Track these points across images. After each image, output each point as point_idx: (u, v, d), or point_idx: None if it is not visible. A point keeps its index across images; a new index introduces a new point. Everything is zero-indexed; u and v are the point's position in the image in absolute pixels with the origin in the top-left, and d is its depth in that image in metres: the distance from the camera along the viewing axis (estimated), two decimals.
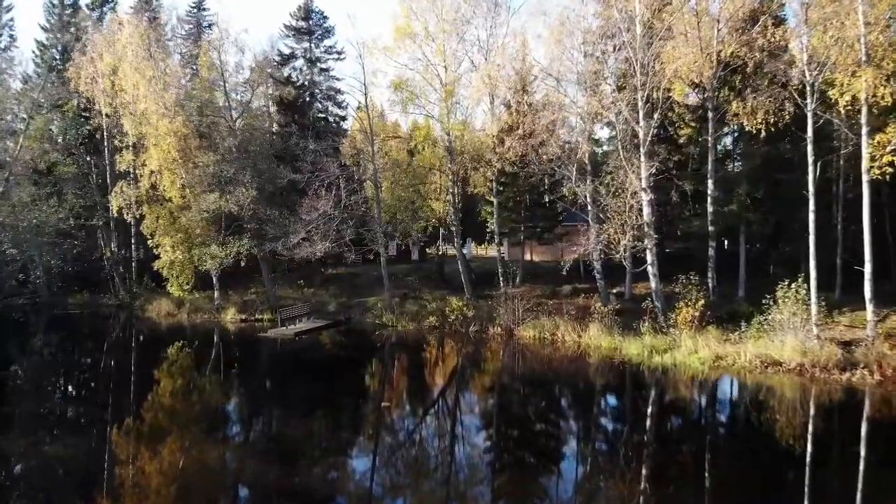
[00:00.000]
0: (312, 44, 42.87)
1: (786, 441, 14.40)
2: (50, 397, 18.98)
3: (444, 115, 30.51)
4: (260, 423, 16.73)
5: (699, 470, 12.89)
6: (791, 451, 13.71)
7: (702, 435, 15.47)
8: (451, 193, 31.66)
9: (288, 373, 21.89)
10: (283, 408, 17.37)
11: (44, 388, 20.02)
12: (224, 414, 17.56)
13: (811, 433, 15.04)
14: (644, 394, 19.29)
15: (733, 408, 18.38)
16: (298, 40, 43.29)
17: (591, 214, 26.74)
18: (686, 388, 19.38)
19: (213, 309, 32.62)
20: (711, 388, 19.64)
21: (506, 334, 25.79)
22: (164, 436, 14.68)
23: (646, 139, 24.38)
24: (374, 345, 26.09)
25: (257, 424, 16.65)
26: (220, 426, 16.21)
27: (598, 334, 23.85)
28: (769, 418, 16.07)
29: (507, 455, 14.20)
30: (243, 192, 27.98)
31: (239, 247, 28.36)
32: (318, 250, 25.84)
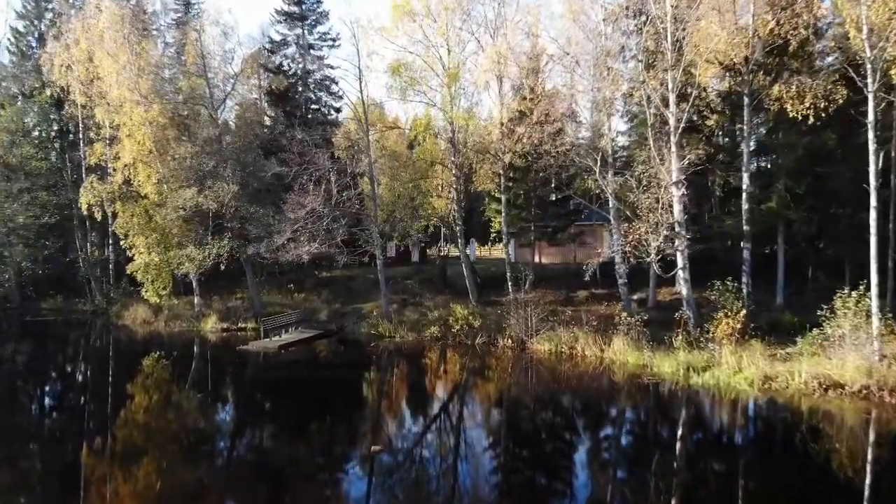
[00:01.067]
0: (305, 30, 39.98)
1: (855, 481, 11.74)
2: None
3: (447, 103, 27.56)
4: (212, 476, 13.11)
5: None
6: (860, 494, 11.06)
7: (758, 473, 12.50)
8: (455, 189, 28.72)
9: (263, 399, 18.84)
10: (246, 455, 14.25)
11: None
12: (174, 454, 13.84)
13: (884, 471, 12.26)
14: (684, 422, 16.32)
15: (790, 439, 15.36)
16: (290, 26, 40.41)
17: (613, 212, 23.79)
18: (733, 415, 16.47)
19: (193, 316, 29.70)
20: (763, 414, 16.71)
21: (517, 347, 22.85)
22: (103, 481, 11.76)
23: (677, 127, 21.46)
24: (368, 360, 23.06)
25: (209, 474, 13.12)
26: (171, 470, 13.23)
27: (623, 348, 20.92)
28: (831, 450, 13.32)
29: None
30: (223, 188, 25.05)
31: (219, 248, 25.41)
32: (305, 252, 22.88)
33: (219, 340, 26.83)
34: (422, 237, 32.70)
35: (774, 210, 24.24)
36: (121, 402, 17.96)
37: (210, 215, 26.41)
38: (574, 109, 24.40)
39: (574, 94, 24.58)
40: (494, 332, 23.87)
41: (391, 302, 29.91)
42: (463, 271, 29.50)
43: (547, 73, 25.56)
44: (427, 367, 22.41)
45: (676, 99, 21.69)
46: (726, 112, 26.58)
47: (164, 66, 28.73)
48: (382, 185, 28.40)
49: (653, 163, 21.59)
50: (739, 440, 15.15)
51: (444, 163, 29.26)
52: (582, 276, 33.16)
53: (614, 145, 23.12)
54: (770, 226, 25.50)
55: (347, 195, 23.60)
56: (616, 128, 22.72)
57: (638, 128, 22.85)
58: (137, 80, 28.45)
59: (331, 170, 23.11)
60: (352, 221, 24.91)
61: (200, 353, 24.77)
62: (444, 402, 18.45)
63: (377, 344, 24.64)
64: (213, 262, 25.78)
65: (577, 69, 23.09)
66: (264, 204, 25.45)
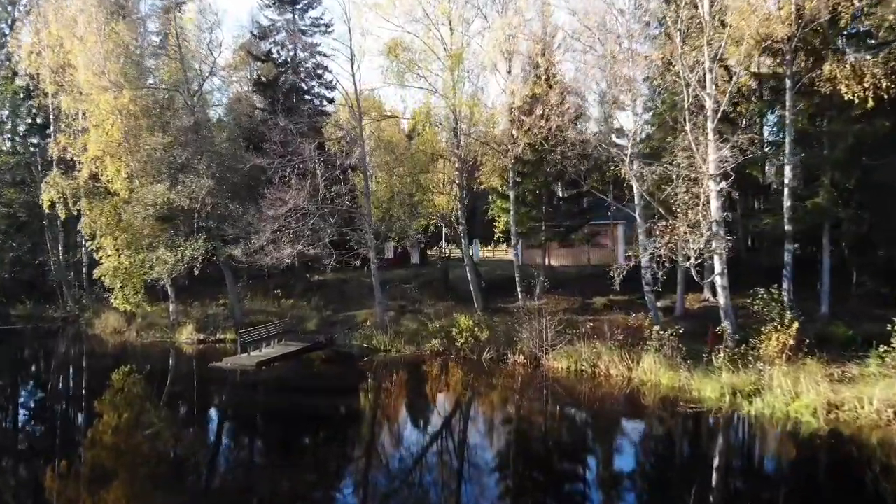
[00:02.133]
0: (296, 15, 36.93)
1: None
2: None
3: (449, 89, 24.68)
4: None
5: None
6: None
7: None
8: (458, 185, 25.86)
9: (227, 437, 15.80)
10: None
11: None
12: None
13: None
14: (738, 463, 13.47)
15: (861, 481, 12.50)
16: (280, 11, 37.27)
17: (639, 209, 20.89)
18: (797, 453, 13.55)
19: (168, 325, 26.86)
20: (830, 450, 13.79)
21: (530, 364, 19.96)
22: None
23: (716, 110, 18.58)
24: (359, 381, 20.02)
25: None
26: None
27: (655, 367, 18.03)
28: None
29: None
30: (197, 183, 22.18)
31: (193, 250, 22.52)
32: (286, 256, 19.99)
33: (193, 353, 23.97)
34: (421, 237, 29.77)
35: (821, 207, 21.34)
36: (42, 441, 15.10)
37: (183, 214, 23.53)
38: (583, 96, 21.54)
39: (588, 76, 21.69)
40: (503, 345, 20.99)
41: (388, 309, 27.06)
42: (466, 274, 26.67)
43: (562, 53, 22.61)
44: (427, 390, 19.43)
45: (714, 80, 18.84)
46: (763, 97, 23.75)
47: (137, 50, 25.75)
48: (377, 180, 25.56)
49: (686, 153, 18.77)
50: (807, 485, 12.27)
51: (445, 155, 26.41)
52: (599, 281, 30.55)
53: (640, 133, 20.11)
54: (814, 225, 22.60)
55: (337, 191, 20.69)
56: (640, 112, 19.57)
57: (666, 113, 19.85)
58: (105, 63, 25.59)
59: (317, 162, 20.14)
60: (342, 220, 22.02)
61: (165, 370, 21.81)
62: (446, 439, 15.50)
63: (370, 359, 21.72)
64: (187, 265, 22.89)
65: (598, 46, 20.13)
66: (244, 201, 22.53)
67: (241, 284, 29.25)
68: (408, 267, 38.40)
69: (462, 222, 26.24)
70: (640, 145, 22.82)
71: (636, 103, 19.79)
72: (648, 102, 18.86)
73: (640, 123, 18.62)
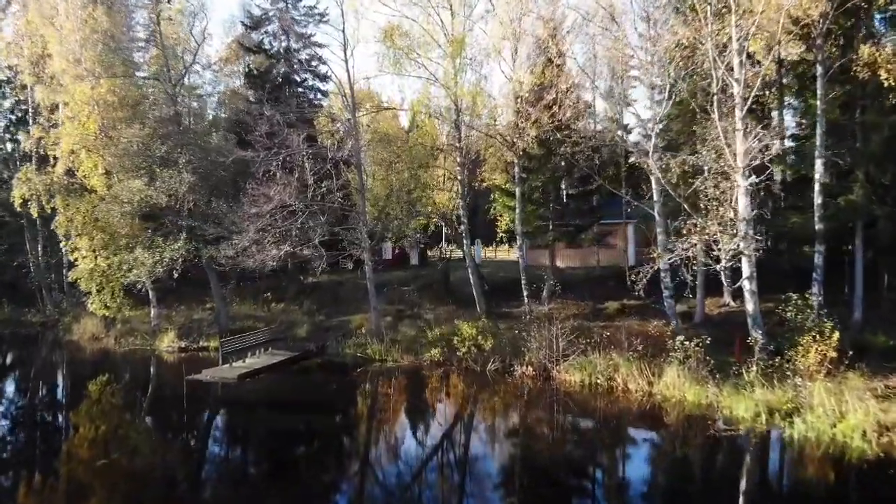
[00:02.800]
0: (289, 3, 35.26)
1: None
2: None
3: (450, 78, 22.92)
4: None
5: None
6: None
7: None
8: (459, 181, 24.11)
9: (200, 461, 13.96)
10: None
11: None
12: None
13: None
14: (782, 496, 11.72)
15: None
16: (273, 0, 35.73)
17: (658, 207, 19.11)
18: (850, 486, 11.81)
19: (149, 331, 25.11)
20: (891, 484, 12.04)
21: (539, 376, 18.17)
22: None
23: (746, 98, 16.82)
24: (351, 395, 18.32)
25: None
26: None
27: (679, 381, 16.27)
28: None
29: None
30: (176, 178, 20.42)
31: (172, 252, 20.75)
32: (270, 257, 18.20)
33: (173, 363, 22.21)
34: (421, 237, 27.99)
35: (856, 204, 19.59)
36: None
37: (162, 212, 21.78)
38: (594, 83, 19.81)
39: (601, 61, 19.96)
40: (510, 355, 19.21)
41: (384, 314, 25.32)
42: (467, 276, 24.95)
43: (574, 36, 20.83)
44: (425, 407, 17.59)
45: (743, 62, 17.07)
46: (790, 86, 22.00)
47: (117, 37, 23.93)
48: (373, 175, 23.82)
49: (712, 144, 17.01)
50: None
51: (446, 150, 24.66)
52: (609, 283, 28.82)
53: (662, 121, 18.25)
54: (845, 224, 20.85)
55: (328, 186, 18.90)
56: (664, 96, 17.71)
57: (693, 99, 17.99)
58: (82, 51, 23.85)
59: (305, 154, 18.33)
60: (334, 219, 20.24)
61: (137, 383, 19.95)
62: (447, 465, 13.70)
63: (364, 370, 19.92)
64: (167, 268, 21.12)
65: (613, 27, 18.36)
66: (229, 198, 20.71)
67: (229, 287, 27.50)
68: (406, 268, 36.64)
69: (464, 221, 24.49)
70: (660, 136, 21.09)
71: (656, 91, 17.93)
72: (672, 88, 16.95)
73: (665, 109, 16.72)
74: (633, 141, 18.74)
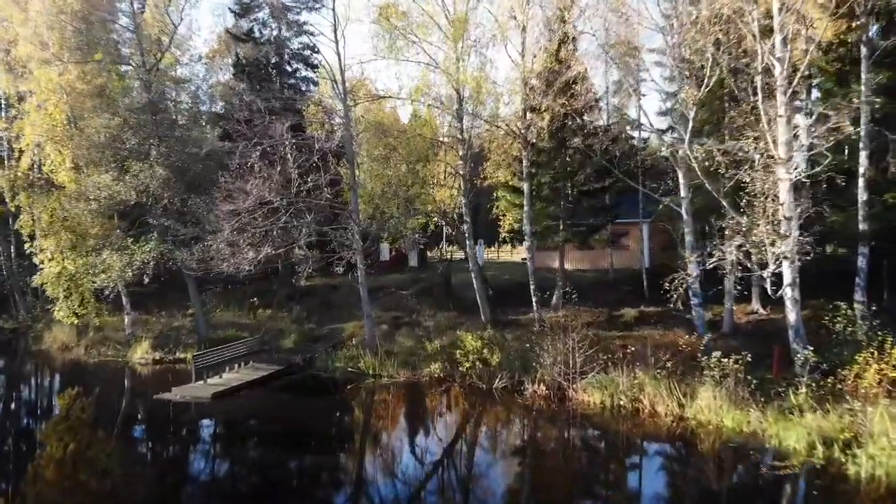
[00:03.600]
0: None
1: None
2: None
3: (452, 63, 20.81)
4: None
5: None
6: None
7: None
8: (462, 175, 21.99)
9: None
10: None
11: None
12: None
13: None
14: None
15: None
16: None
17: (686, 204, 16.96)
18: None
19: (123, 340, 22.99)
20: None
21: (554, 395, 16.01)
22: None
23: (790, 80, 14.68)
24: (338, 418, 16.13)
25: None
26: None
27: (715, 403, 14.14)
28: None
29: None
30: (147, 172, 18.32)
31: (143, 254, 18.64)
32: (247, 261, 16.01)
33: (146, 376, 20.12)
34: (420, 238, 25.85)
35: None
36: None
37: (133, 210, 19.70)
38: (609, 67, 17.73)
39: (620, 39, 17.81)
40: (519, 370, 17.06)
41: (380, 321, 23.23)
42: (470, 279, 22.88)
43: (590, 14, 18.67)
44: (424, 434, 15.27)
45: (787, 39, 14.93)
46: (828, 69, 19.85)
47: (87, 18, 21.76)
48: (367, 170, 21.70)
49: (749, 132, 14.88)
50: None
51: (447, 141, 22.57)
52: (622, 288, 26.70)
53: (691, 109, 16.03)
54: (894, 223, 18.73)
55: (315, 181, 16.76)
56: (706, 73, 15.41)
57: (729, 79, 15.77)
58: (49, 33, 21.75)
59: (289, 145, 16.15)
60: (322, 218, 18.12)
61: (102, 402, 17.62)
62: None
63: (355, 387, 17.75)
64: (137, 272, 19.01)
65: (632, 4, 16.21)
66: (209, 196, 18.51)
67: (215, 291, 25.36)
68: (405, 271, 34.49)
69: (467, 220, 22.38)
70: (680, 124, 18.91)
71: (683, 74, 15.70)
72: (712, 66, 14.75)
73: (704, 91, 14.47)
74: (659, 128, 16.52)
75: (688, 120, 14.44)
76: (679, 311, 22.61)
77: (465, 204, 22.22)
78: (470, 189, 22.12)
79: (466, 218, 22.47)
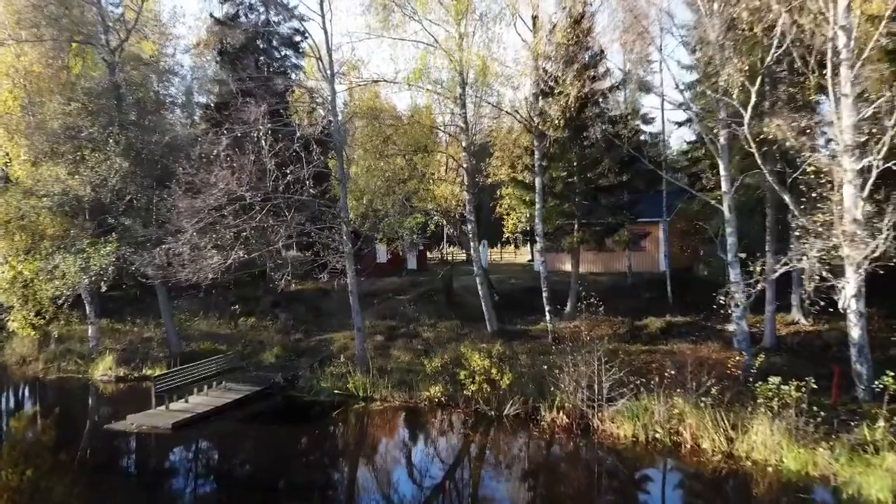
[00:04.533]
0: None
1: None
2: None
3: (454, 42, 18.41)
4: None
5: None
6: None
7: None
8: (465, 168, 19.59)
9: None
10: None
11: None
12: None
13: None
14: None
15: None
16: None
17: (728, 199, 14.48)
18: None
19: (88, 353, 20.58)
20: None
21: (576, 425, 13.53)
22: None
23: (859, 53, 12.26)
24: (319, 454, 13.63)
25: None
26: None
27: (771, 438, 11.73)
28: None
29: None
30: (104, 164, 15.91)
31: (100, 258, 16.20)
32: (211, 267, 13.52)
33: (106, 397, 17.70)
34: (419, 238, 23.40)
35: None
36: None
37: (92, 207, 17.27)
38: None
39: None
40: (533, 393, 14.61)
41: (374, 331, 20.89)
42: (473, 283, 20.67)
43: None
44: (423, 476, 12.81)
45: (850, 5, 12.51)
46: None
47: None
48: (359, 162, 19.29)
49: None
50: None
51: (448, 129, 20.19)
52: (641, 294, 24.32)
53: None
54: None
55: (296, 173, 14.32)
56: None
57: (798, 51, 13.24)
58: (4, 12, 19.36)
59: (264, 133, 13.66)
60: (307, 216, 15.70)
61: (46, 430, 15.11)
62: None
63: (343, 412, 15.28)
64: (95, 279, 16.58)
65: None
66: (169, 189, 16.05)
67: (189, 298, 22.84)
68: (403, 274, 32.08)
69: (471, 218, 19.98)
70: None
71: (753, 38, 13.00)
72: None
73: (770, 59, 11.85)
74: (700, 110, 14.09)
75: (749, 96, 11.84)
76: (707, 322, 20.32)
77: (469, 200, 19.81)
78: (476, 184, 19.71)
79: (470, 216, 20.07)
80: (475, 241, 20.56)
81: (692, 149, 31.35)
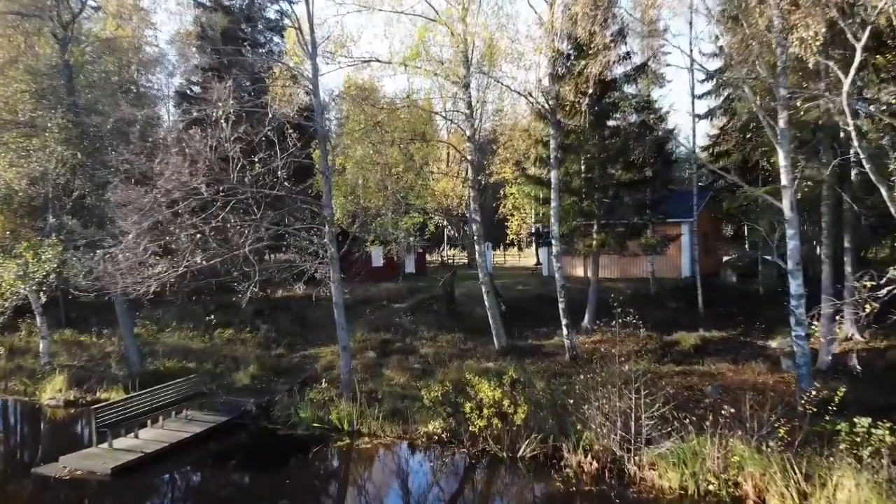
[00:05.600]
0: None
1: None
2: None
3: (459, 12, 15.96)
4: None
5: None
6: None
7: None
8: (469, 161, 17.10)
9: None
10: None
11: None
12: None
13: None
14: None
15: None
16: None
17: (789, 197, 11.99)
18: None
19: (39, 371, 18.06)
20: None
21: (607, 471, 11.03)
22: None
23: None
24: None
25: None
26: None
27: (859, 495, 9.22)
28: None
29: None
30: (41, 152, 13.44)
31: (39, 264, 13.71)
32: (154, 277, 10.96)
33: (52, 424, 15.20)
34: (417, 241, 20.89)
35: None
36: None
37: (27, 204, 14.80)
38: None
39: None
40: (553, 430, 12.07)
41: (365, 347, 18.45)
42: (476, 290, 18.25)
43: None
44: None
45: None
46: None
47: None
48: (347, 152, 16.80)
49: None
50: None
51: (451, 117, 17.72)
52: (665, 303, 21.85)
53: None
54: None
55: (265, 163, 11.82)
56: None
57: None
58: None
59: (225, 108, 11.17)
60: (282, 215, 13.22)
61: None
62: None
63: (322, 451, 12.76)
64: (35, 286, 14.10)
65: None
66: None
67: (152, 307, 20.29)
68: (400, 279, 29.53)
69: (476, 218, 17.50)
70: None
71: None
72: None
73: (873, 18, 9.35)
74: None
75: (848, 65, 9.19)
76: (746, 337, 17.88)
77: (474, 198, 17.31)
78: (481, 179, 17.24)
79: (475, 216, 17.57)
80: (480, 243, 18.06)
81: (713, 143, 29.00)
